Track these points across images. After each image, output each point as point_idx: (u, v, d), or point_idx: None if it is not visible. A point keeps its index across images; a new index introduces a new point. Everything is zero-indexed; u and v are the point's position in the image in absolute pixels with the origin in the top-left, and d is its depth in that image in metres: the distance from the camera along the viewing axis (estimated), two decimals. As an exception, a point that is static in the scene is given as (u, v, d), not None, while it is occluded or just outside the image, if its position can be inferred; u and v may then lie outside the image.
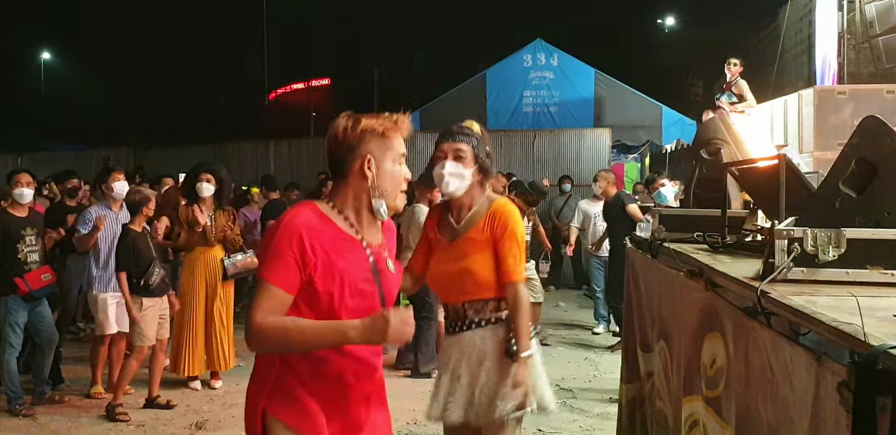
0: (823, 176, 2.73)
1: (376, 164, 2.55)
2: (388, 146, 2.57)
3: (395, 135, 2.58)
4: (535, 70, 18.19)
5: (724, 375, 2.50)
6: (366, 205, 2.59)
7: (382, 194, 2.57)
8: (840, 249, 2.28)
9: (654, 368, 3.76)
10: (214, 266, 7.26)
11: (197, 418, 6.44)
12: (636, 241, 4.53)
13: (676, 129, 17.36)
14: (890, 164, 2.40)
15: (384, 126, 2.56)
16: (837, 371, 1.61)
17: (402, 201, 2.66)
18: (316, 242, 2.48)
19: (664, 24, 36.85)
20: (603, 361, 8.38)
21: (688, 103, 25.82)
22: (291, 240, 2.45)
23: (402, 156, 2.62)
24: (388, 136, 2.56)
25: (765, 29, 23.55)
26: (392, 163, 2.58)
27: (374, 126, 2.55)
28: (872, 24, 14.06)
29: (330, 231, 2.53)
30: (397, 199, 2.63)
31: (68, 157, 20.66)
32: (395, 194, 2.62)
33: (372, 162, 2.55)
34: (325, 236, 2.50)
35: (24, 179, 6.62)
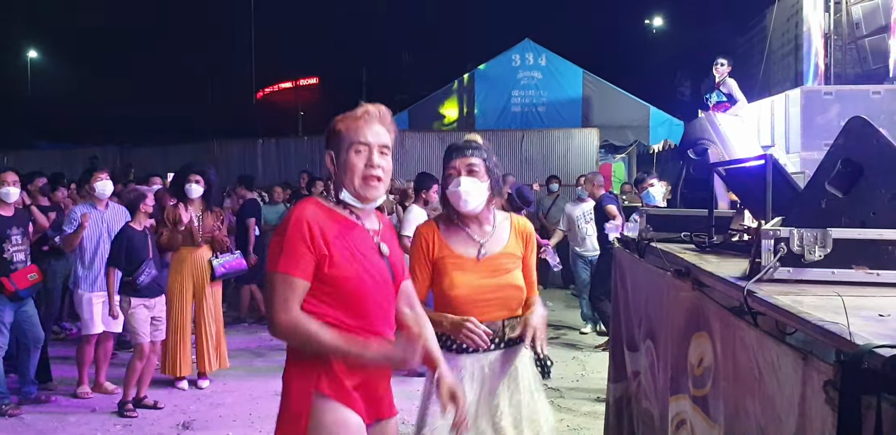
0: (810, 176, 2.75)
1: (335, 158, 2.79)
2: (342, 138, 2.77)
3: (353, 126, 2.77)
4: (523, 70, 18.19)
5: (711, 375, 2.51)
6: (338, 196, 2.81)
7: (342, 184, 2.77)
8: (826, 249, 2.30)
9: (641, 367, 3.77)
10: (202, 266, 7.25)
11: (184, 418, 6.43)
12: (624, 240, 4.54)
13: (664, 129, 17.39)
14: (875, 165, 2.41)
15: (341, 121, 2.79)
16: (823, 370, 1.62)
17: (367, 189, 2.77)
18: (324, 227, 2.69)
19: (652, 25, 36.94)
20: (590, 361, 8.40)
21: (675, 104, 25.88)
22: (301, 230, 2.66)
23: (357, 144, 2.76)
24: (340, 130, 2.78)
25: (752, 29, 23.66)
26: (346, 153, 2.76)
27: (334, 124, 2.80)
28: (859, 26, 14.12)
29: (333, 218, 2.75)
30: (356, 184, 2.76)
31: (54, 156, 20.55)
32: (352, 181, 2.76)
33: (332, 156, 2.80)
34: (329, 223, 2.72)
35: (9, 178, 6.59)
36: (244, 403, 6.79)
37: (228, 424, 6.34)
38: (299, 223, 2.68)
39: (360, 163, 2.75)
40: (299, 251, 2.66)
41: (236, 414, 6.53)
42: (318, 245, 2.67)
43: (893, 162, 2.40)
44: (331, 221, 2.73)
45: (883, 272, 2.26)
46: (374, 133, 2.79)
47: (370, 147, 2.77)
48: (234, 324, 10.25)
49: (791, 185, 3.29)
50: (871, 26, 13.72)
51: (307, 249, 2.66)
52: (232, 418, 6.45)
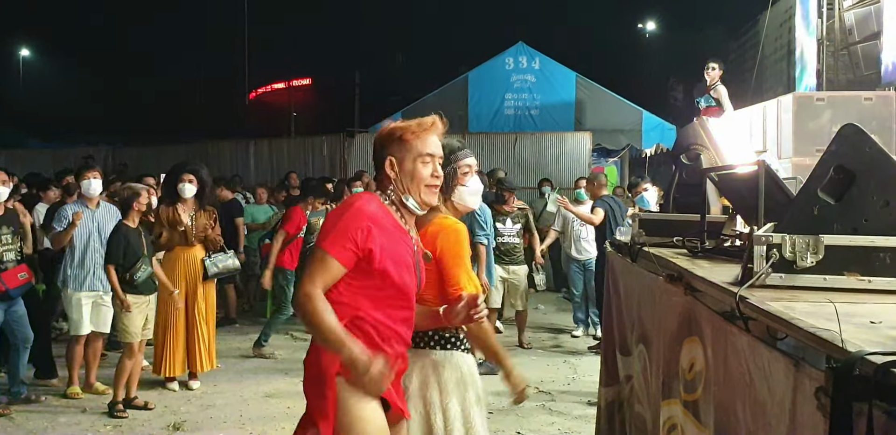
0: (802, 182, 2.76)
1: (398, 164, 2.97)
2: (407, 148, 2.96)
3: (416, 138, 2.96)
4: (516, 73, 18.23)
5: (702, 379, 2.52)
6: (399, 200, 2.99)
7: (406, 190, 2.97)
8: (818, 256, 2.31)
9: (633, 371, 3.78)
10: (195, 266, 7.24)
11: (174, 419, 6.42)
12: (616, 245, 4.55)
13: (656, 133, 17.44)
14: (868, 172, 2.42)
15: (404, 130, 2.96)
16: (815, 376, 1.63)
17: (429, 196, 2.99)
18: (379, 228, 2.86)
19: (645, 30, 37.02)
20: (582, 364, 8.41)
21: (668, 108, 25.95)
22: (360, 222, 2.83)
23: (425, 155, 2.96)
24: (406, 140, 2.96)
25: (745, 35, 23.72)
26: (413, 162, 2.95)
27: (394, 132, 2.98)
28: (851, 32, 14.17)
29: (389, 221, 2.94)
30: (422, 193, 2.97)
31: (46, 155, 20.51)
32: (419, 190, 2.96)
33: (394, 163, 2.97)
34: (385, 225, 2.89)
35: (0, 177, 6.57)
36: (235, 404, 6.78)
37: (219, 425, 6.33)
38: (361, 214, 2.86)
39: (426, 173, 2.96)
40: (348, 238, 2.81)
41: (227, 415, 6.51)
42: (369, 241, 2.82)
43: (886, 169, 2.41)
44: (387, 222, 2.91)
45: (875, 279, 2.27)
46: (437, 145, 3.01)
47: (434, 158, 2.99)
48: (225, 325, 10.23)
49: (783, 191, 3.30)
50: (863, 32, 13.77)
51: (356, 241, 2.81)
52: (223, 419, 6.43)
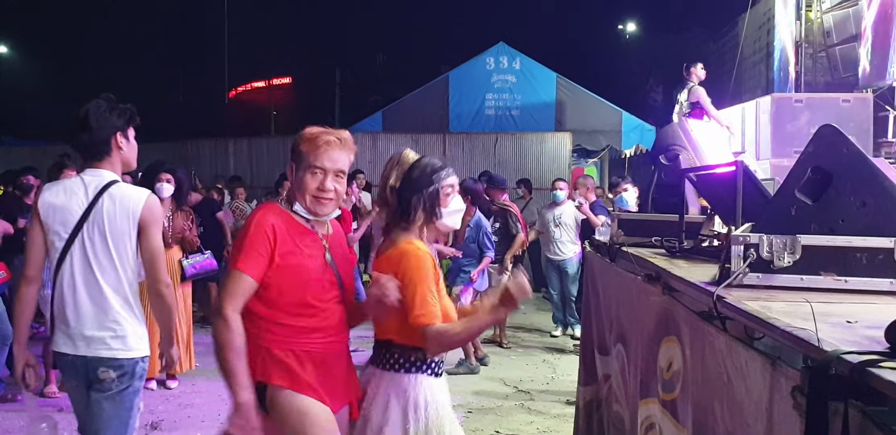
0: (780, 183, 2.77)
1: (293, 172, 3.09)
2: (301, 158, 3.04)
3: (307, 149, 3.02)
4: (497, 73, 18.21)
5: (680, 379, 2.53)
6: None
7: (297, 197, 3.07)
8: (795, 256, 2.32)
9: (612, 370, 3.79)
10: (171, 267, 7.18)
11: (152, 418, 6.38)
12: (595, 244, 4.56)
13: (636, 134, 17.48)
14: (845, 173, 2.44)
15: (300, 141, 3.06)
16: (791, 376, 1.64)
17: (317, 207, 3.04)
18: (282, 230, 2.97)
19: (625, 31, 37.13)
20: (561, 364, 8.43)
21: (647, 109, 26.04)
22: (264, 231, 2.94)
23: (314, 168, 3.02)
24: (298, 151, 3.05)
25: (724, 36, 23.86)
26: (303, 172, 3.03)
27: (297, 139, 3.08)
28: (830, 34, 14.27)
29: (290, 222, 3.04)
30: (308, 202, 3.04)
31: (23, 153, 20.33)
32: (305, 199, 3.04)
33: (292, 169, 3.10)
34: (286, 226, 3.00)
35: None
36: (213, 403, 6.74)
37: (197, 424, 6.29)
38: (262, 225, 2.96)
39: (313, 185, 3.03)
40: (260, 252, 2.93)
41: (205, 415, 6.48)
42: (276, 242, 2.95)
43: (862, 170, 2.43)
44: (286, 224, 3.02)
45: (851, 279, 2.29)
46: (332, 159, 3.03)
47: (325, 172, 3.03)
48: (204, 323, 10.18)
49: (761, 192, 3.32)
50: (841, 35, 13.88)
51: (265, 251, 2.94)
52: (201, 419, 6.40)
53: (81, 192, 3.60)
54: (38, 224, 3.64)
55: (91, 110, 3.69)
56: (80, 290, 3.60)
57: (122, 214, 3.60)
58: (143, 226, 3.67)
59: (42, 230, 3.63)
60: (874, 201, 2.38)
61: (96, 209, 3.56)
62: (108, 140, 3.70)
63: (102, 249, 3.59)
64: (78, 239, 3.58)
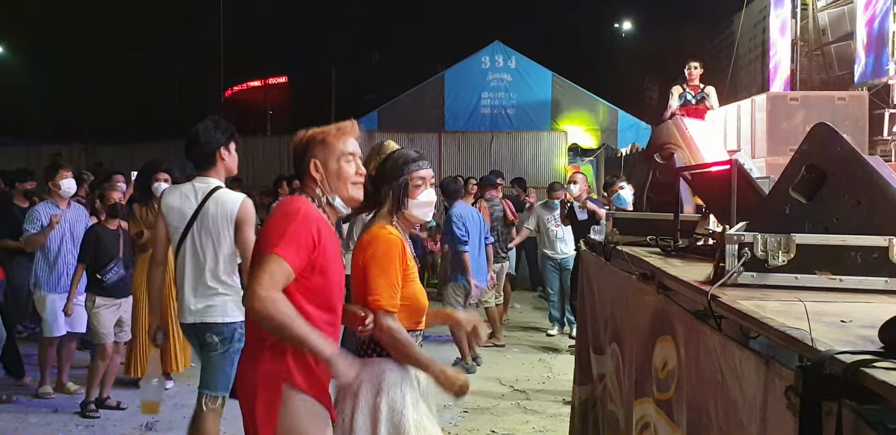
0: (775, 181, 2.77)
1: (322, 166, 3.04)
2: (330, 150, 3.04)
3: (337, 139, 3.05)
4: (493, 72, 18.24)
5: (675, 378, 2.52)
6: (325, 201, 3.05)
7: (333, 190, 3.04)
8: (789, 255, 2.31)
9: (607, 370, 3.79)
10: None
11: (147, 419, 6.36)
12: (590, 243, 4.55)
13: (632, 132, 17.51)
14: (839, 171, 2.43)
15: (325, 134, 3.05)
16: (785, 375, 1.63)
17: (356, 192, 3.08)
18: (324, 231, 2.94)
19: (621, 29, 37.14)
20: (557, 363, 8.43)
21: (643, 108, 26.04)
22: (311, 227, 2.89)
23: (347, 154, 3.05)
24: (329, 142, 3.04)
25: (720, 35, 23.88)
26: (337, 162, 3.04)
27: (315, 135, 3.06)
28: (825, 32, 14.30)
29: (325, 222, 3.00)
30: (349, 190, 3.06)
31: (19, 153, 20.28)
32: (346, 187, 3.05)
33: (318, 164, 3.04)
34: (324, 226, 2.97)
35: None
36: (208, 404, 6.73)
37: (192, 425, 6.27)
38: (309, 219, 2.90)
39: (351, 171, 3.06)
40: (302, 244, 2.86)
41: (200, 415, 6.47)
42: (319, 246, 2.90)
43: (857, 169, 2.42)
44: (324, 225, 2.97)
45: (846, 278, 2.28)
46: (356, 145, 3.10)
47: (356, 157, 3.08)
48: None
49: (756, 190, 3.31)
50: (836, 33, 13.91)
51: (310, 247, 2.87)
52: (195, 420, 6.39)
53: (193, 196, 4.57)
54: (163, 221, 4.66)
55: (200, 129, 4.61)
56: (188, 273, 4.56)
57: (222, 215, 4.53)
58: (238, 224, 4.55)
59: (165, 226, 4.64)
60: (869, 200, 2.37)
61: (203, 210, 4.51)
62: (213, 153, 4.64)
63: (206, 242, 4.53)
64: (189, 233, 4.55)
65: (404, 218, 3.31)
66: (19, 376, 7.23)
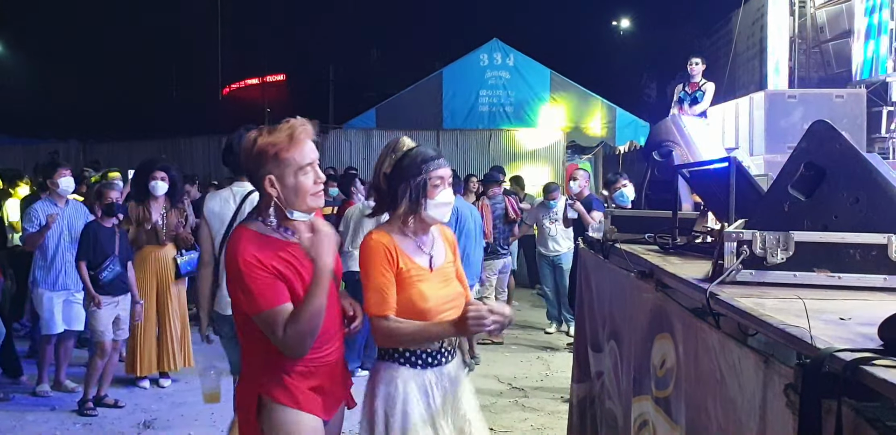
0: (773, 179, 2.76)
1: (277, 181, 2.85)
2: (286, 164, 2.82)
3: (290, 153, 2.82)
4: (491, 69, 18.23)
5: (673, 376, 2.51)
6: (283, 216, 2.90)
7: (290, 205, 2.87)
8: (788, 252, 2.31)
9: (605, 367, 3.78)
10: (166, 265, 7.17)
11: (145, 417, 6.37)
12: (588, 241, 4.55)
13: (630, 130, 17.51)
14: (838, 168, 2.43)
15: (277, 148, 2.82)
16: (784, 373, 1.63)
17: (315, 202, 2.91)
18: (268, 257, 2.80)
19: (619, 27, 37.13)
20: (555, 361, 8.43)
21: (641, 105, 26.06)
22: (252, 266, 2.76)
23: (305, 167, 2.85)
24: (281, 157, 2.82)
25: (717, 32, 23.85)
26: (292, 177, 2.84)
27: (267, 149, 2.83)
28: (823, 30, 14.30)
29: (271, 245, 2.85)
30: (308, 202, 2.88)
31: (15, 151, 20.27)
32: (304, 201, 2.87)
33: (273, 180, 2.85)
34: (269, 251, 2.82)
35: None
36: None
37: (190, 423, 6.28)
38: (247, 262, 2.77)
39: (309, 183, 2.87)
40: (266, 283, 2.76)
41: (198, 413, 6.46)
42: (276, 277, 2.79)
43: (855, 166, 2.42)
44: (269, 250, 2.82)
45: (844, 275, 2.27)
46: (312, 150, 2.89)
47: (314, 165, 2.89)
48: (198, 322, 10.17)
49: (754, 188, 3.31)
50: (834, 30, 13.91)
51: (271, 278, 2.77)
52: (193, 418, 6.39)
53: (232, 200, 4.84)
54: (206, 225, 4.88)
55: (235, 138, 4.72)
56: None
57: None
58: None
59: (208, 229, 4.86)
60: (867, 197, 2.37)
61: (240, 212, 4.71)
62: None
63: None
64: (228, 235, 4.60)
65: (420, 219, 3.17)
66: (17, 375, 7.22)
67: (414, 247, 3.18)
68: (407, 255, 3.14)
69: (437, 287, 3.18)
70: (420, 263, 3.16)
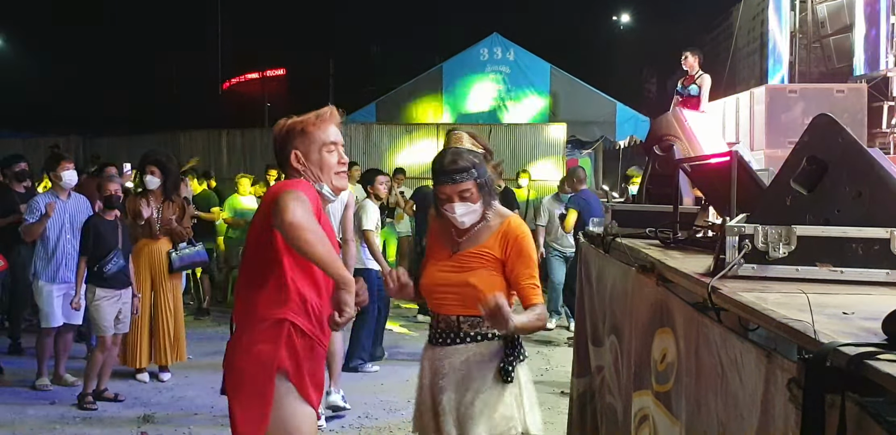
0: (774, 173, 2.75)
1: (304, 156, 3.06)
2: (311, 140, 3.04)
3: (317, 129, 3.05)
4: (491, 64, 18.18)
5: (674, 370, 2.51)
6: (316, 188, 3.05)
7: (317, 180, 3.06)
8: (790, 246, 2.30)
9: (605, 362, 3.78)
10: (159, 258, 7.15)
11: (144, 411, 6.36)
12: (589, 236, 4.54)
13: (630, 125, 17.47)
14: (840, 162, 2.42)
15: (304, 124, 3.06)
16: (787, 368, 1.62)
17: (340, 181, 3.14)
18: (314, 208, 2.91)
19: (619, 22, 37.11)
20: (555, 355, 8.43)
21: (642, 100, 26.05)
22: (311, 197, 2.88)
23: (329, 144, 3.06)
24: (308, 132, 3.05)
25: (718, 27, 23.87)
26: (319, 152, 3.06)
27: (295, 125, 3.07)
28: (824, 24, 14.27)
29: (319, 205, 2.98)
30: (333, 180, 3.09)
31: (16, 145, 20.23)
32: (329, 177, 3.08)
33: (299, 155, 3.06)
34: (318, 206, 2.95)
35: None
36: (206, 396, 6.72)
37: (190, 417, 6.28)
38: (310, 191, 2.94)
39: (334, 160, 3.06)
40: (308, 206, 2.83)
41: (198, 407, 6.46)
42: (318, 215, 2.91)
43: (858, 160, 2.41)
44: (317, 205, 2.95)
45: (847, 270, 2.27)
46: (337, 133, 3.11)
47: (338, 145, 3.09)
48: (197, 315, 10.18)
49: (756, 182, 3.30)
50: (835, 25, 13.88)
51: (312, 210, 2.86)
52: (193, 411, 6.39)
53: None
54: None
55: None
56: None
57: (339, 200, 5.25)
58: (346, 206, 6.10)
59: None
60: (870, 191, 2.36)
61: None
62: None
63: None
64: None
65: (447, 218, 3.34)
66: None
67: (448, 231, 3.39)
68: (436, 235, 3.48)
69: (443, 270, 3.37)
70: (443, 244, 3.42)
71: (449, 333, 3.34)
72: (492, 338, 3.34)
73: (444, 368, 3.33)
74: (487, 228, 3.35)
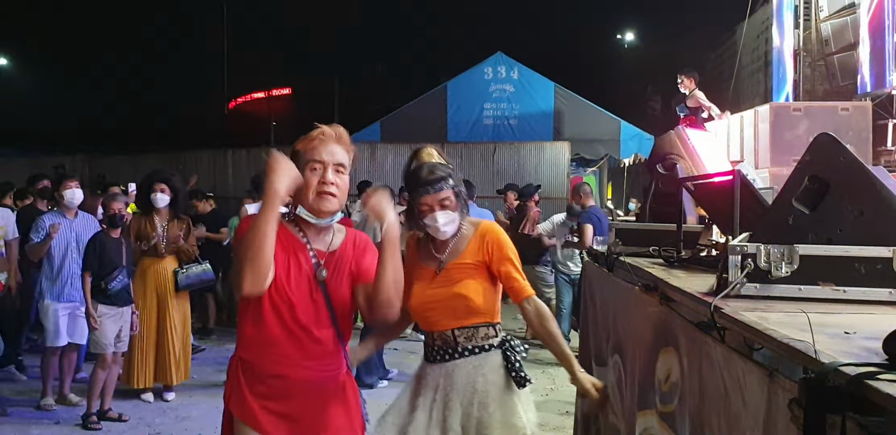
0: (778, 192, 2.75)
1: None
2: (298, 158, 2.92)
3: (303, 148, 2.94)
4: (495, 83, 18.23)
5: (678, 390, 2.50)
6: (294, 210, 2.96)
7: (297, 199, 2.92)
8: (793, 266, 2.30)
9: (609, 381, 3.77)
10: (165, 277, 7.15)
11: (149, 431, 6.36)
12: (593, 254, 4.54)
13: (634, 143, 17.48)
14: (842, 182, 2.42)
15: (300, 142, 2.97)
16: (789, 388, 1.62)
17: (320, 202, 2.89)
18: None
19: (623, 40, 37.21)
20: (560, 375, 8.38)
21: (646, 118, 26.06)
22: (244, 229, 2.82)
23: (313, 163, 2.90)
24: (296, 150, 2.95)
25: (722, 45, 23.88)
26: (302, 171, 2.87)
27: (294, 145, 2.98)
28: (828, 42, 14.28)
29: (284, 233, 2.89)
30: (310, 200, 2.89)
31: (22, 164, 20.31)
32: (307, 197, 2.89)
33: None
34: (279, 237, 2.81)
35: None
36: (210, 415, 6.69)
37: (194, 437, 6.26)
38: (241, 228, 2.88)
39: (314, 179, 2.88)
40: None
41: (202, 427, 6.45)
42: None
43: (860, 179, 2.41)
44: (280, 236, 2.83)
45: (849, 289, 2.26)
46: (329, 152, 2.92)
47: (325, 165, 2.90)
48: (202, 335, 10.16)
49: (759, 201, 3.30)
50: (840, 43, 13.89)
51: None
52: (197, 431, 6.37)
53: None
54: None
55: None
56: None
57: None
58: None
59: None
60: (872, 210, 2.36)
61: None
62: None
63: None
64: None
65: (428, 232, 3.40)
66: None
67: (429, 249, 3.43)
68: (417, 254, 3.47)
69: (430, 287, 3.37)
70: (425, 264, 3.42)
71: (447, 349, 3.35)
72: (489, 349, 3.36)
73: (448, 385, 3.33)
74: (464, 237, 3.41)
